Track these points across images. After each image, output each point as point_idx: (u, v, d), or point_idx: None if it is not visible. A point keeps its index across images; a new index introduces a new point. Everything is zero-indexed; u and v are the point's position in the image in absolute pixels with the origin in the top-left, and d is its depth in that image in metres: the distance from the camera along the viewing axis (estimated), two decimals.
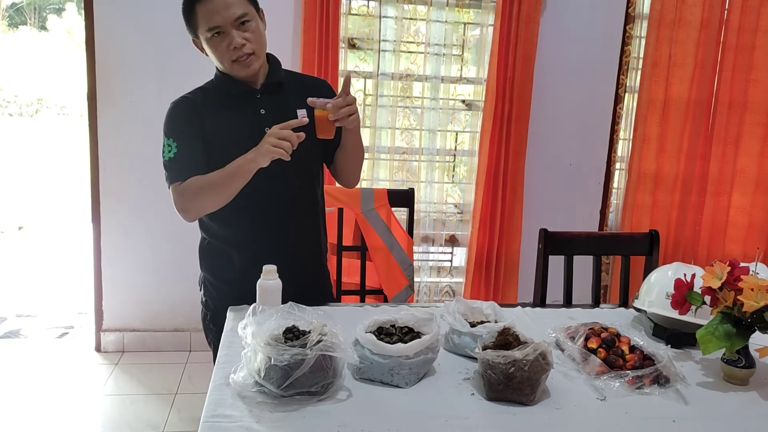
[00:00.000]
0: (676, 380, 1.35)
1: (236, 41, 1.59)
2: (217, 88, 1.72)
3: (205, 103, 1.70)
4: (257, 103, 1.70)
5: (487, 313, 1.59)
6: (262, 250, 1.68)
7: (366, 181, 3.25)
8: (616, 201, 3.49)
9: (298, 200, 1.76)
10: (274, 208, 1.72)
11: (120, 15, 2.96)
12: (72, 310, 3.85)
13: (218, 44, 1.60)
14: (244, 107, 1.69)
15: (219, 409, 1.21)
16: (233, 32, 1.59)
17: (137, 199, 3.12)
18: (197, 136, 1.66)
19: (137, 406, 2.79)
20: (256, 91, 1.70)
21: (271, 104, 1.70)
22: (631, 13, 3.23)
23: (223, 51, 1.60)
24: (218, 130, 1.67)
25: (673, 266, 1.70)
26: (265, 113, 1.69)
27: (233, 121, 1.68)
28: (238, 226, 1.73)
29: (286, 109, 1.69)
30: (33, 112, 14.48)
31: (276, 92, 1.72)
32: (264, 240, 1.72)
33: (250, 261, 1.64)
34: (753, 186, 3.39)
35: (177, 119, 1.68)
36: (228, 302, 1.70)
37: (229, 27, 1.58)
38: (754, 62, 3.25)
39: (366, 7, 3.13)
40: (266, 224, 1.72)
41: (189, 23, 1.64)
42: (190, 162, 1.65)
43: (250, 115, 1.68)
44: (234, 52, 1.60)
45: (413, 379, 1.34)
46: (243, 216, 1.71)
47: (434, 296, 3.45)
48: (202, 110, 1.68)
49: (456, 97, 3.30)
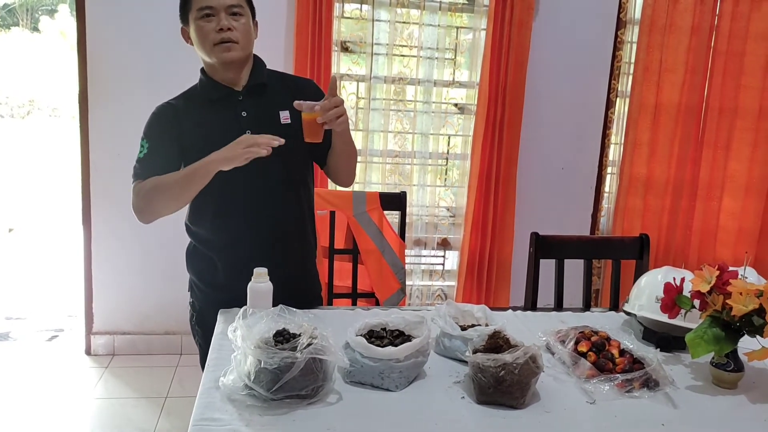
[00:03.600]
0: (666, 384, 1.36)
1: (223, 23, 1.61)
2: (199, 93, 1.72)
3: (186, 108, 1.70)
4: (239, 105, 1.69)
5: (478, 316, 1.59)
6: (246, 254, 1.68)
7: (358, 184, 3.25)
8: (608, 205, 3.51)
9: (284, 205, 1.75)
10: (259, 213, 1.70)
11: (112, 17, 2.95)
12: (62, 313, 3.82)
13: (205, 25, 1.62)
14: (225, 110, 1.69)
15: (208, 413, 1.20)
16: (222, 15, 1.62)
17: (128, 202, 3.05)
18: (172, 142, 1.67)
19: (127, 409, 2.77)
20: (238, 93, 1.69)
21: (252, 107, 1.70)
22: (623, 18, 3.25)
23: (208, 32, 1.62)
24: (198, 134, 1.67)
25: (663, 270, 1.71)
26: (246, 115, 1.68)
27: (214, 125, 1.68)
28: (223, 230, 1.72)
29: (268, 111, 1.69)
30: (24, 113, 14.41)
31: (258, 94, 1.71)
32: (248, 244, 1.71)
33: (233, 265, 1.65)
34: (743, 191, 3.41)
35: (154, 124, 1.71)
36: (213, 305, 1.70)
37: (221, 11, 1.61)
38: (744, 68, 3.27)
39: (359, 11, 3.13)
40: (250, 229, 1.71)
41: (183, 6, 1.67)
42: (156, 164, 1.66)
43: (232, 118, 1.68)
44: (218, 35, 1.61)
45: (404, 383, 1.34)
46: (227, 220, 1.71)
47: (426, 299, 3.45)
48: (182, 116, 1.69)
49: (449, 101, 3.31)
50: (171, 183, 1.63)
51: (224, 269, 1.73)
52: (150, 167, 1.68)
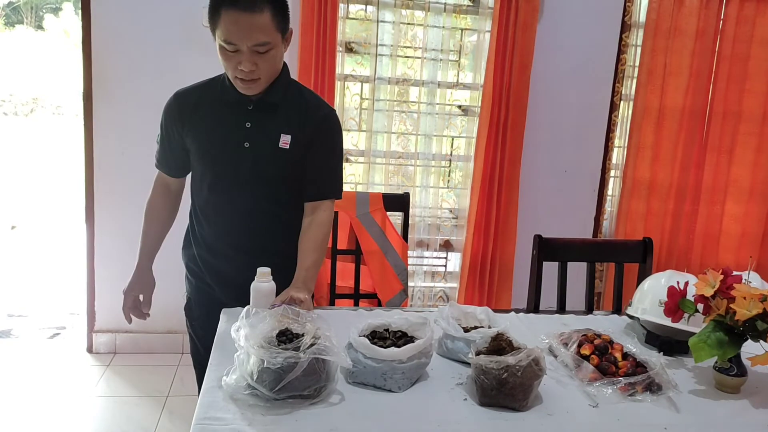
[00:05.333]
0: (668, 388, 1.36)
1: (246, 65, 1.54)
2: (219, 88, 1.71)
3: (199, 102, 1.71)
4: (247, 115, 1.68)
5: (481, 318, 1.59)
6: (233, 254, 1.76)
7: (361, 185, 3.26)
8: (611, 208, 3.50)
9: (273, 225, 1.75)
10: (236, 217, 1.74)
11: (117, 15, 2.95)
12: (64, 311, 3.83)
13: (229, 58, 1.55)
14: (232, 115, 1.68)
15: (211, 412, 1.20)
16: (246, 55, 1.53)
17: (131, 200, 3.08)
18: (174, 137, 1.75)
19: (129, 408, 2.77)
20: (248, 102, 1.67)
21: (258, 121, 1.67)
22: (627, 21, 3.25)
23: (231, 66, 1.57)
24: (202, 131, 1.70)
25: (667, 274, 1.71)
26: (250, 127, 1.68)
27: (218, 126, 1.69)
28: (211, 228, 1.77)
29: (272, 130, 1.68)
30: (28, 111, 14.42)
31: (268, 111, 1.68)
32: (232, 245, 1.76)
33: (222, 263, 1.76)
34: (746, 195, 3.41)
35: (167, 113, 1.76)
36: (200, 295, 1.84)
37: (245, 49, 1.52)
38: (748, 72, 3.27)
39: (364, 12, 3.13)
40: (231, 231, 1.75)
41: (211, 18, 1.57)
42: (164, 155, 1.81)
43: (237, 125, 1.68)
44: (240, 73, 1.56)
45: (406, 384, 1.34)
46: (215, 218, 1.76)
47: (428, 301, 3.45)
48: (193, 110, 1.71)
49: (452, 103, 3.31)
50: (142, 232, 1.96)
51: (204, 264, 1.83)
52: (162, 159, 1.83)
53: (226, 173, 1.69)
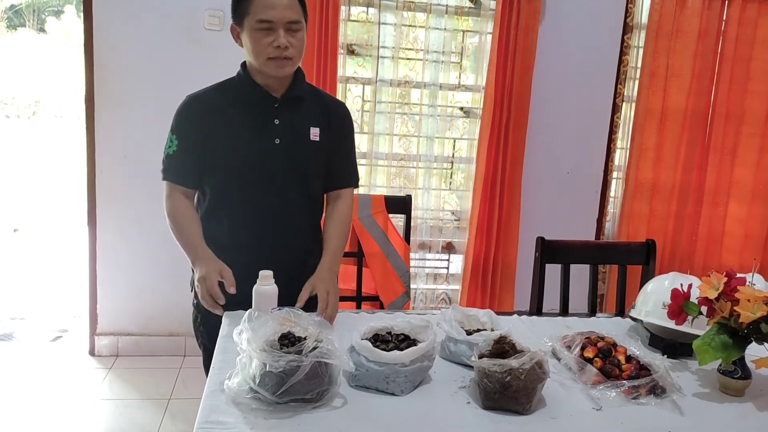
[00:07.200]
0: (672, 391, 1.35)
1: (281, 41, 1.60)
2: (236, 89, 1.71)
3: (219, 104, 1.70)
4: (273, 112, 1.69)
5: (484, 321, 1.59)
6: (251, 260, 1.62)
7: (363, 187, 3.25)
8: (613, 210, 3.50)
9: (298, 220, 1.76)
10: (273, 225, 1.72)
11: (119, 18, 2.96)
12: (66, 314, 3.83)
13: (262, 38, 1.60)
14: (258, 114, 1.69)
15: (213, 415, 1.20)
16: (281, 32, 1.60)
17: (134, 203, 3.11)
18: (198, 139, 1.68)
19: (131, 410, 2.77)
20: (275, 99, 1.70)
21: (286, 117, 1.70)
22: (629, 23, 3.25)
23: (264, 46, 1.61)
24: (226, 135, 1.68)
25: (670, 276, 1.70)
26: (279, 124, 1.69)
27: (244, 127, 1.68)
28: (233, 235, 1.72)
29: (301, 124, 1.71)
30: (30, 114, 14.46)
31: (294, 106, 1.72)
32: (253, 252, 1.71)
33: (237, 268, 1.63)
34: (749, 196, 3.40)
35: (184, 118, 1.70)
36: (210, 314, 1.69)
37: (279, 26, 1.60)
38: (751, 73, 3.27)
39: (365, 14, 3.13)
40: (260, 241, 1.72)
41: (238, 7, 1.64)
42: (186, 165, 1.70)
43: (264, 124, 1.69)
44: (274, 51, 1.61)
45: (409, 387, 1.33)
46: (238, 229, 1.72)
47: (430, 303, 3.45)
48: (214, 111, 1.68)
49: (454, 105, 3.31)
50: (177, 235, 1.70)
51: None
52: (180, 170, 1.71)
53: (254, 172, 1.68)
